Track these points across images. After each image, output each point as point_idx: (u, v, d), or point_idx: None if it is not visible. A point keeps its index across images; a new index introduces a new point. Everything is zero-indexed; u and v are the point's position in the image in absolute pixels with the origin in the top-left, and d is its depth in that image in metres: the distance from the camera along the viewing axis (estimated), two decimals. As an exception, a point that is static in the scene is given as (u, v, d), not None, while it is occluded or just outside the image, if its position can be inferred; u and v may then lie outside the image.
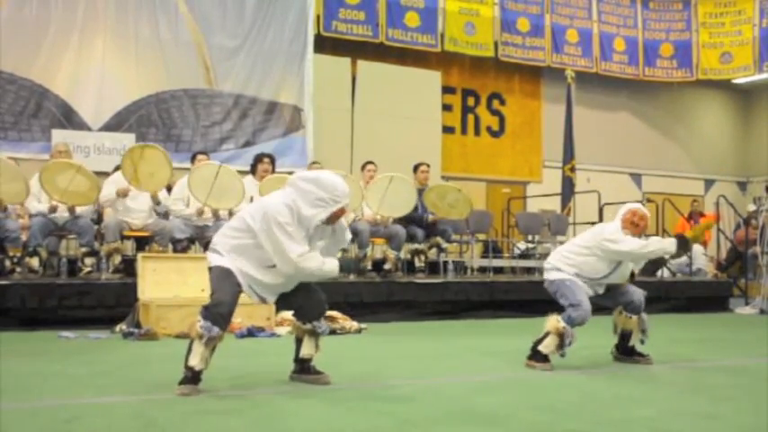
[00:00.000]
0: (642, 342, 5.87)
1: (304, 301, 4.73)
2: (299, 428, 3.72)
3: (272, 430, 3.70)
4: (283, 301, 4.86)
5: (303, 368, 4.82)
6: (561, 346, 5.46)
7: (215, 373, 4.67)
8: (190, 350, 4.41)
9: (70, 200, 8.16)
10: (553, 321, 5.49)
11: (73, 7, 11.49)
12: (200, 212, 8.60)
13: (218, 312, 4.40)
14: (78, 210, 8.33)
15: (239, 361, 5.79)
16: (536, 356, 5.56)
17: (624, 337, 5.90)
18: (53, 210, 8.23)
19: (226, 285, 4.46)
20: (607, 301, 5.83)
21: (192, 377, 4.39)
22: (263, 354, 6.15)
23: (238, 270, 4.50)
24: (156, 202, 8.56)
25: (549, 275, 5.76)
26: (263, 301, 4.71)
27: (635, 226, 5.62)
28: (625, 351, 5.93)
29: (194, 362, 4.38)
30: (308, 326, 4.75)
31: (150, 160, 8.26)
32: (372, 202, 9.37)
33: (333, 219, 4.54)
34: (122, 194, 8.44)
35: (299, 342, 4.83)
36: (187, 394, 4.31)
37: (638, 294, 5.79)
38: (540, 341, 5.56)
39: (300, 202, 4.43)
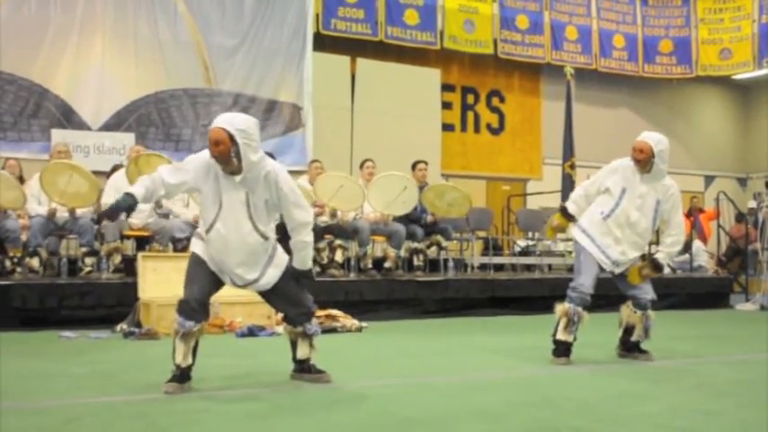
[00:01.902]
0: (644, 338, 5.89)
1: (287, 307, 4.71)
2: (301, 427, 3.72)
3: (274, 429, 3.70)
4: (270, 304, 4.86)
5: (303, 368, 4.81)
6: (573, 324, 5.59)
7: (216, 372, 4.67)
8: (174, 348, 4.43)
9: (70, 201, 8.16)
10: (561, 306, 5.66)
11: (72, 7, 11.48)
12: (196, 220, 8.58)
13: (190, 307, 4.39)
14: (78, 211, 8.34)
15: (240, 360, 5.79)
16: (558, 350, 5.66)
17: (628, 331, 5.92)
18: (52, 214, 8.23)
19: (198, 276, 4.45)
20: (622, 286, 5.86)
21: (180, 375, 4.40)
22: (263, 353, 6.14)
23: (210, 256, 4.48)
24: (159, 206, 8.56)
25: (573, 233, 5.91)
26: (236, 285, 4.59)
27: (636, 161, 5.72)
28: (627, 347, 5.95)
29: (178, 359, 4.40)
30: (299, 329, 4.73)
31: (155, 167, 8.24)
32: (377, 200, 9.36)
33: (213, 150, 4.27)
34: None
35: (293, 344, 4.81)
36: (172, 392, 4.31)
37: (648, 292, 5.82)
38: (555, 331, 5.68)
39: None
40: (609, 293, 6.27)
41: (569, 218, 5.87)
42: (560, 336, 5.64)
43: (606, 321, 6.05)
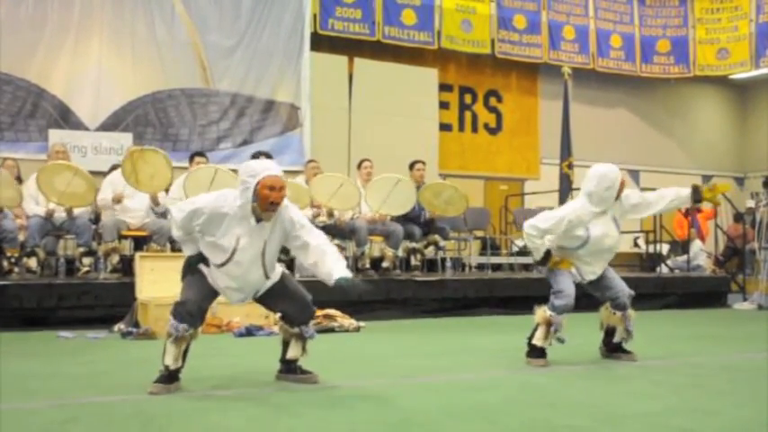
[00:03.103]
0: (627, 339, 5.84)
1: (289, 306, 4.68)
2: (299, 426, 3.72)
3: (272, 428, 3.70)
4: (268, 306, 4.85)
5: (289, 368, 4.79)
6: (552, 334, 5.51)
7: (214, 372, 4.67)
8: (164, 349, 4.42)
9: (68, 201, 8.16)
10: (540, 312, 5.57)
11: (69, 7, 11.48)
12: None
13: (186, 310, 4.38)
14: (76, 211, 8.34)
15: (238, 360, 5.80)
16: (533, 352, 5.59)
17: (609, 333, 5.90)
18: (50, 215, 8.24)
19: (195, 283, 4.45)
20: (596, 292, 5.81)
21: (168, 376, 4.40)
22: (261, 352, 6.14)
23: (211, 277, 4.52)
24: (156, 203, 8.56)
25: None
26: (237, 301, 4.68)
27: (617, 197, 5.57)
28: (611, 347, 5.92)
29: (168, 361, 4.39)
30: (296, 329, 4.71)
31: (151, 162, 8.26)
32: (374, 201, 9.37)
33: (263, 202, 4.26)
34: (117, 201, 8.42)
35: (285, 344, 4.79)
36: (157, 393, 4.30)
37: (624, 291, 5.75)
38: (532, 335, 5.61)
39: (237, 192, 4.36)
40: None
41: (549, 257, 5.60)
42: (537, 342, 5.56)
43: (595, 321, 6.04)
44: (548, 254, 5.52)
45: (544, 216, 5.52)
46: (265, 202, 4.27)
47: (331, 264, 4.42)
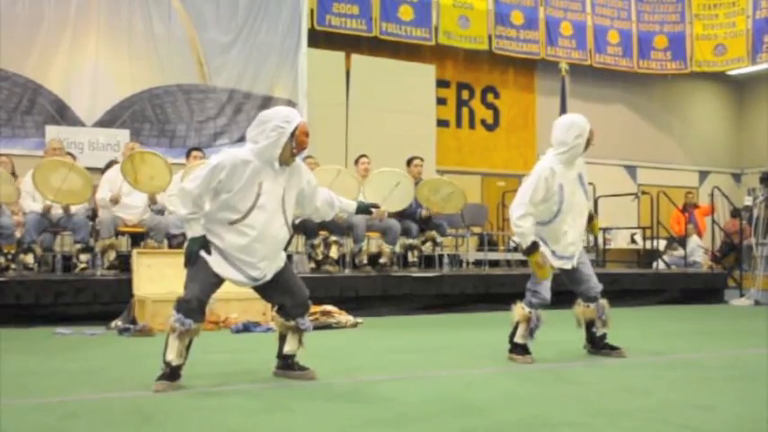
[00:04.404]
0: (601, 329, 5.79)
1: (286, 298, 4.68)
2: (296, 422, 3.73)
3: (270, 425, 3.70)
4: (266, 296, 4.84)
5: (287, 364, 4.79)
6: (532, 330, 5.52)
7: (212, 368, 4.67)
8: (166, 345, 4.40)
9: (64, 199, 8.15)
10: (518, 309, 5.57)
11: (66, 3, 11.45)
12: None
13: (192, 305, 4.36)
14: (73, 208, 8.33)
15: (236, 356, 5.80)
16: (515, 349, 5.59)
17: (589, 327, 5.86)
18: (47, 210, 8.23)
19: (199, 276, 4.42)
20: (571, 284, 5.76)
21: (171, 373, 4.38)
22: (259, 349, 6.13)
23: (215, 251, 4.44)
24: (153, 202, 8.55)
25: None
26: (252, 279, 4.53)
27: (586, 147, 5.64)
28: (596, 344, 5.87)
29: (171, 357, 4.37)
30: (292, 323, 4.71)
31: (151, 164, 8.27)
32: (371, 197, 9.34)
33: (300, 146, 4.50)
34: (114, 202, 8.40)
35: (282, 339, 4.79)
36: (163, 390, 4.29)
37: (595, 283, 5.72)
38: (513, 332, 5.60)
39: (257, 139, 4.46)
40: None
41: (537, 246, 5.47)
42: (519, 340, 5.56)
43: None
44: (534, 245, 5.41)
45: (521, 192, 5.44)
46: (301, 147, 4.50)
47: (345, 200, 4.98)
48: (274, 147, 4.40)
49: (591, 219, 5.84)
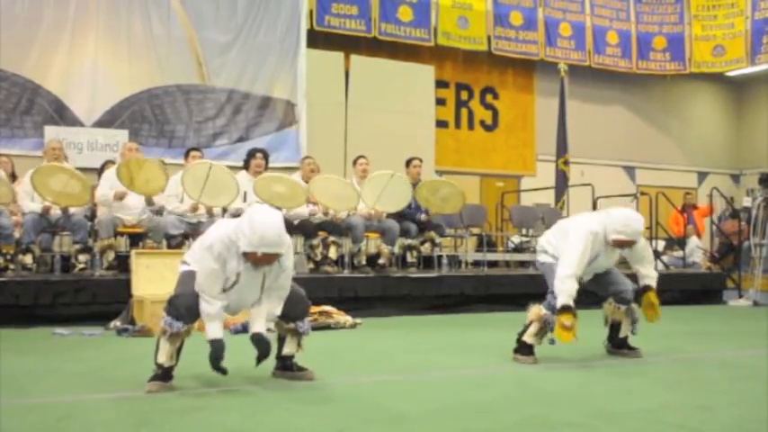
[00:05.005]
0: (633, 332, 5.83)
1: (285, 301, 4.67)
2: (294, 423, 3.72)
3: (268, 426, 3.70)
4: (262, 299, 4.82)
5: (285, 365, 4.79)
6: (544, 332, 5.50)
7: (210, 369, 4.64)
8: (158, 347, 4.40)
9: (63, 201, 8.14)
10: (535, 309, 5.55)
11: (65, 3, 11.45)
12: (194, 209, 8.60)
13: (180, 308, 4.36)
14: (71, 209, 8.32)
15: (234, 356, 5.77)
16: (521, 349, 5.58)
17: (614, 328, 5.88)
18: (46, 211, 8.22)
19: (190, 283, 4.42)
20: (597, 288, 5.80)
21: (162, 374, 4.38)
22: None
23: None
24: (150, 203, 8.55)
25: (539, 257, 5.84)
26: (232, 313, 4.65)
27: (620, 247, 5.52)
28: (616, 343, 5.91)
29: (162, 359, 4.37)
30: (291, 325, 4.71)
31: (148, 169, 8.27)
32: (369, 197, 9.36)
33: (254, 263, 4.31)
34: (119, 198, 8.39)
35: (281, 340, 4.79)
36: (155, 391, 4.29)
37: (627, 285, 5.75)
38: (523, 332, 5.60)
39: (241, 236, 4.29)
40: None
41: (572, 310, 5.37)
42: (528, 339, 5.55)
43: (598, 317, 6.04)
44: (569, 307, 5.29)
45: (568, 261, 5.33)
46: (258, 265, 4.31)
47: (260, 316, 4.52)
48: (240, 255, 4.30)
49: (645, 291, 5.78)
